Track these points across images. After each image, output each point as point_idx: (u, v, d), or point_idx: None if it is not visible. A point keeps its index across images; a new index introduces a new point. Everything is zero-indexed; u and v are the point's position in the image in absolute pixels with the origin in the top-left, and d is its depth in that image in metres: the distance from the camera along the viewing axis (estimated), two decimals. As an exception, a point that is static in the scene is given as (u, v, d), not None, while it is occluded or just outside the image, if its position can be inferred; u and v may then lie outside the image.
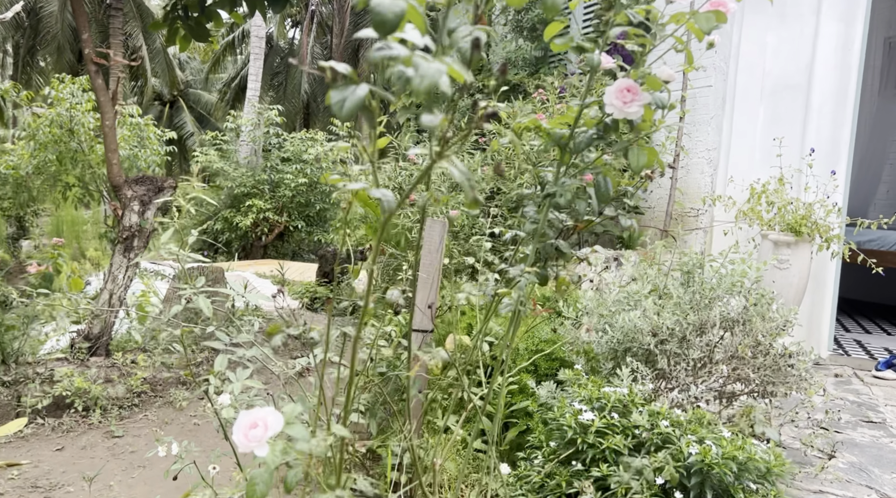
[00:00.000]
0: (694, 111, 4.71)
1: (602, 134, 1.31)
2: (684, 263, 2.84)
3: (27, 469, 3.67)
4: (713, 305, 2.65)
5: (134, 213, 5.27)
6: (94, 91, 5.11)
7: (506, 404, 2.85)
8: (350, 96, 0.69)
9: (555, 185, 1.30)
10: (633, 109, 1.24)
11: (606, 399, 2.39)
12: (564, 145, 1.33)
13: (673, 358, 2.56)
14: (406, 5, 0.66)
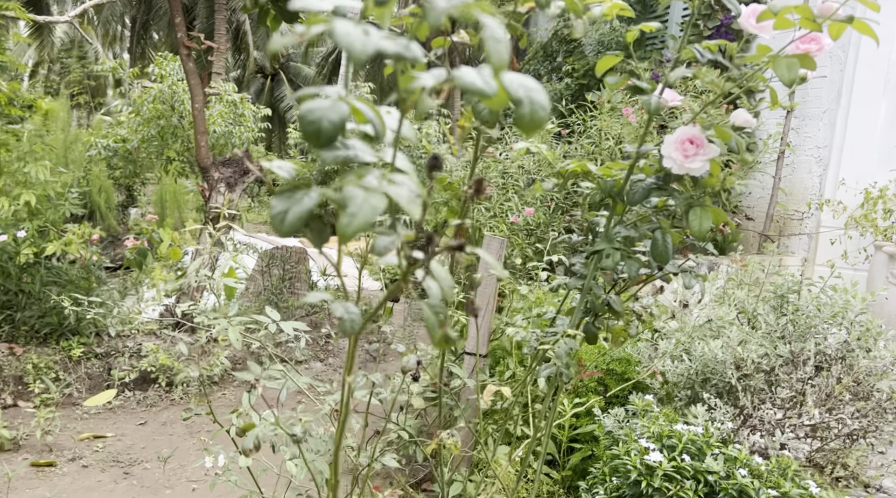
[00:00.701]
0: (804, 104, 4.27)
1: (662, 184, 1.12)
2: (778, 285, 2.56)
3: (111, 442, 3.83)
4: (808, 336, 2.37)
5: (220, 194, 5.38)
6: (186, 74, 5.21)
7: (570, 426, 2.68)
8: (294, 207, 0.56)
9: (604, 239, 1.12)
10: (696, 165, 1.04)
11: (678, 438, 2.18)
12: (617, 195, 1.14)
13: (757, 395, 2.31)
14: (348, 108, 0.52)
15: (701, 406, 2.22)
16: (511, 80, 0.52)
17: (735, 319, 2.56)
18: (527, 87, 0.52)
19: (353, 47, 0.46)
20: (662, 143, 1.09)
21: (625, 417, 2.48)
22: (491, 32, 0.49)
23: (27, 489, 3.23)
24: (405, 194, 0.48)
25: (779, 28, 1.04)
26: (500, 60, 0.48)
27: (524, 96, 0.52)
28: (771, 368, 2.38)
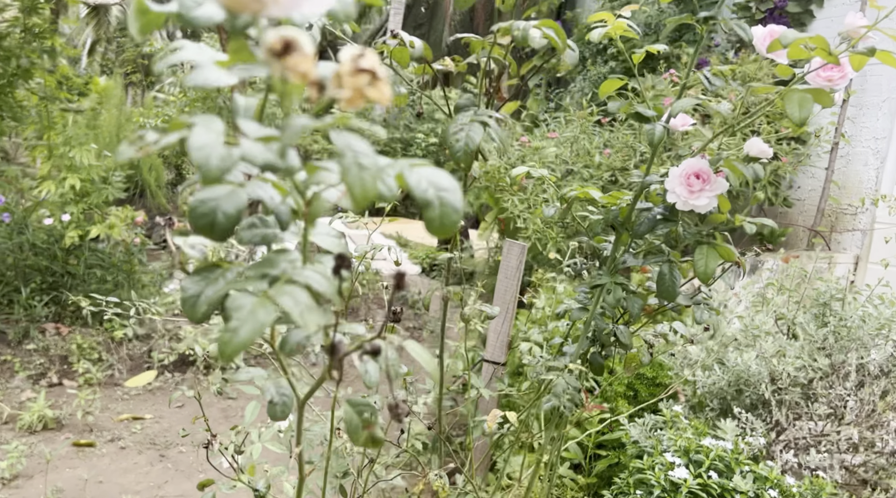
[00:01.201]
0: (861, 92, 4.02)
1: (669, 215, 1.04)
2: (821, 293, 2.43)
3: (149, 424, 3.94)
4: (851, 349, 2.25)
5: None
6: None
7: (597, 432, 2.62)
8: (209, 289, 0.51)
9: (607, 272, 1.05)
10: (702, 202, 0.95)
11: (706, 453, 2.09)
12: (622, 225, 1.06)
13: (792, 410, 2.20)
14: (246, 197, 0.47)
15: (731, 421, 2.12)
16: (418, 179, 0.46)
17: (774, 327, 2.44)
18: (438, 186, 0.46)
19: (208, 165, 0.41)
20: (666, 179, 1.00)
21: (652, 426, 2.40)
22: (351, 159, 0.42)
23: (67, 469, 3.34)
24: (298, 306, 0.43)
25: (793, 58, 0.94)
26: (362, 193, 0.41)
27: (433, 197, 0.45)
28: (809, 381, 2.26)
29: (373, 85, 0.39)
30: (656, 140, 0.98)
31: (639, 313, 1.03)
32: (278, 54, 0.37)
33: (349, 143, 0.42)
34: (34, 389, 4.02)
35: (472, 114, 0.85)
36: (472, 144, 0.80)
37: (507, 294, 2.02)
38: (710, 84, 1.03)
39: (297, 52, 0.38)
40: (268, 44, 0.37)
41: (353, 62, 0.39)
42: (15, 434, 3.57)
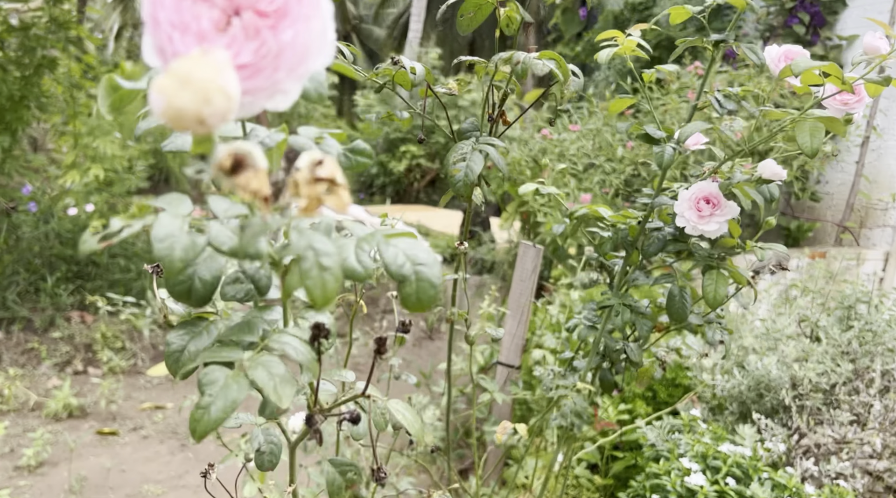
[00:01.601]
0: (895, 85, 3.89)
1: (679, 236, 1.00)
2: (846, 296, 2.37)
3: (170, 413, 3.99)
4: (876, 354, 2.19)
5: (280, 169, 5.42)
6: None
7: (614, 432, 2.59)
8: (189, 348, 0.50)
9: (615, 293, 1.02)
10: (712, 227, 0.92)
11: (723, 460, 2.06)
12: (631, 245, 1.03)
13: (813, 416, 2.16)
14: (224, 262, 0.45)
15: (750, 427, 2.09)
16: (394, 254, 0.44)
17: (796, 329, 2.39)
18: (415, 259, 0.44)
19: (171, 258, 0.39)
20: (676, 203, 0.97)
21: (670, 429, 2.37)
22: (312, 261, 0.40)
23: (91, 456, 3.40)
24: (272, 380, 0.41)
25: (806, 83, 0.90)
26: (323, 297, 0.39)
27: (409, 273, 0.43)
28: (831, 387, 2.21)
29: (331, 192, 0.37)
30: (665, 163, 0.95)
31: (648, 335, 1.01)
32: (228, 172, 0.36)
33: (311, 243, 0.41)
34: (60, 377, 4.10)
35: (474, 141, 0.82)
36: (471, 176, 0.78)
37: (522, 297, 2.00)
38: (721, 107, 0.99)
39: (248, 168, 0.36)
40: (217, 161, 0.36)
41: (310, 171, 0.38)
42: (41, 421, 3.64)
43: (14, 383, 3.78)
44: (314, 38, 0.40)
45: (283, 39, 0.39)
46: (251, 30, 0.38)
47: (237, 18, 0.38)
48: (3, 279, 4.39)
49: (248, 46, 0.38)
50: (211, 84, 0.33)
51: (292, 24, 0.39)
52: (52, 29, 4.96)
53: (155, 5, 0.37)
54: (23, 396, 3.78)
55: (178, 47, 0.38)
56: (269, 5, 0.39)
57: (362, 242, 0.45)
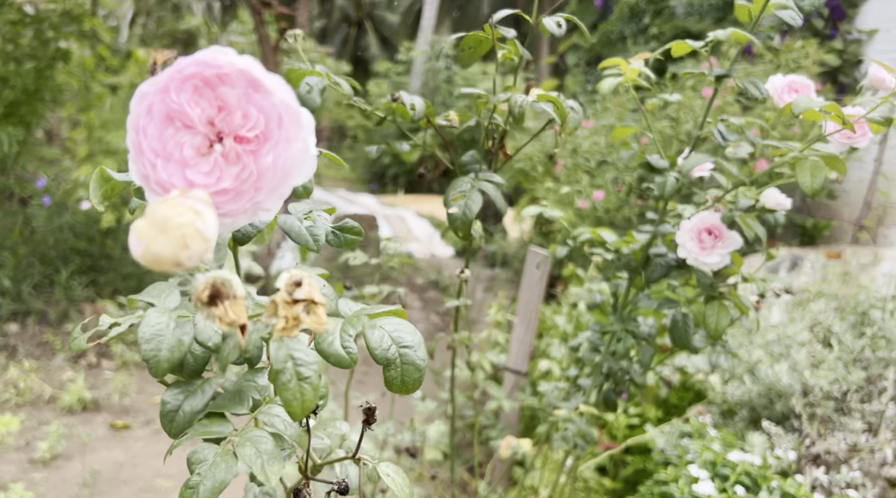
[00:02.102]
0: (916, 80, 3.81)
1: (683, 263, 0.99)
2: (859, 301, 2.34)
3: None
4: (890, 363, 2.16)
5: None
6: (259, 41, 5.23)
7: (623, 437, 2.58)
8: (184, 407, 0.49)
9: (618, 318, 1.01)
10: (713, 259, 0.91)
11: (732, 468, 2.05)
12: (634, 270, 1.02)
13: (824, 424, 2.14)
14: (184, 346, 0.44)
15: (760, 435, 2.07)
16: (380, 338, 0.43)
17: (808, 334, 2.36)
18: (400, 342, 0.43)
19: (157, 360, 0.39)
20: (677, 232, 0.95)
21: (680, 434, 2.36)
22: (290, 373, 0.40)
23: (105, 449, 3.44)
24: (259, 458, 0.41)
25: (809, 120, 0.87)
26: (301, 408, 0.39)
27: (394, 356, 0.43)
28: (843, 394, 2.19)
29: (310, 311, 0.37)
30: (667, 194, 0.93)
31: (650, 361, 1.00)
32: (205, 303, 0.35)
33: (290, 353, 0.40)
34: (74, 369, 4.15)
35: (473, 178, 0.81)
36: (469, 214, 0.77)
37: (531, 304, 1.99)
38: (724, 139, 0.97)
39: (226, 299, 0.36)
40: (195, 292, 0.35)
41: (288, 292, 0.37)
42: (56, 414, 3.69)
43: (29, 376, 3.83)
44: (295, 159, 0.40)
45: (263, 163, 0.39)
46: (232, 155, 0.38)
47: (219, 144, 0.38)
48: (19, 272, 4.44)
49: (229, 172, 0.38)
50: (189, 229, 0.33)
51: (273, 148, 0.39)
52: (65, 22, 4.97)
53: (138, 134, 0.38)
54: (38, 388, 3.83)
55: (161, 175, 0.38)
56: (250, 131, 0.39)
57: (347, 326, 0.44)
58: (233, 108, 0.39)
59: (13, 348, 4.19)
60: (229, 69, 0.39)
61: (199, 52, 0.38)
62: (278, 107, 0.39)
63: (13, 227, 4.48)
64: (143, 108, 0.38)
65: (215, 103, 0.39)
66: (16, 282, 4.40)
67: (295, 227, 0.53)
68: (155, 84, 0.39)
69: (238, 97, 0.39)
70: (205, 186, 0.38)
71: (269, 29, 7.46)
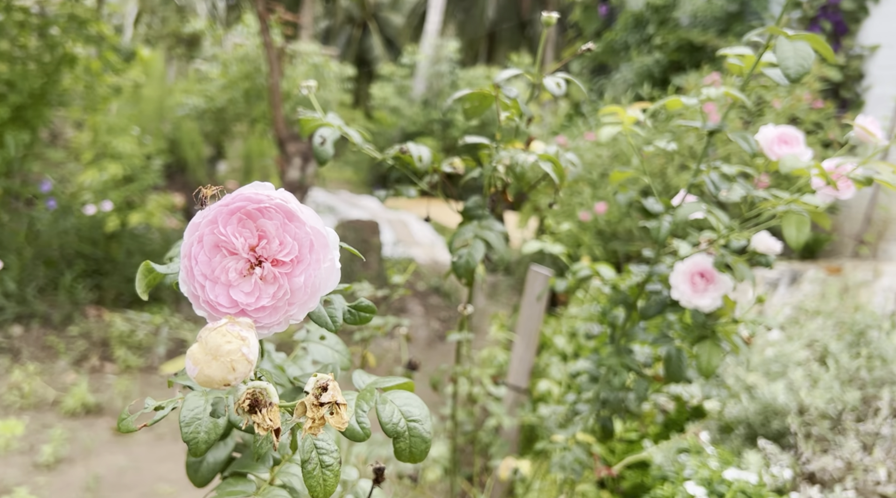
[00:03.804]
0: (917, 96, 3.85)
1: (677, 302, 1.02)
2: (856, 320, 2.36)
3: (185, 409, 4.06)
4: (885, 383, 2.19)
5: (296, 168, 5.46)
6: (264, 47, 5.26)
7: (622, 452, 2.61)
8: (208, 459, 0.52)
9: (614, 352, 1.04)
10: (705, 302, 0.94)
11: (728, 485, 2.08)
12: (631, 306, 1.05)
13: (819, 443, 2.17)
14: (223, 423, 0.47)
15: (756, 453, 2.10)
16: (391, 412, 0.47)
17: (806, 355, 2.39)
18: (409, 416, 0.47)
19: (196, 442, 0.42)
20: (671, 274, 0.98)
21: (677, 450, 2.39)
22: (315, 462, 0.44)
23: (108, 453, 3.48)
24: None
25: (796, 175, 0.90)
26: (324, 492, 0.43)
27: (403, 429, 0.46)
28: (839, 413, 2.22)
29: (334, 412, 0.41)
30: (662, 238, 0.96)
31: (645, 393, 1.03)
32: (246, 411, 0.39)
33: (315, 443, 0.44)
34: (77, 372, 4.18)
35: (476, 226, 0.84)
36: (472, 263, 0.81)
37: (531, 321, 2.02)
38: (716, 188, 0.99)
39: (264, 407, 0.40)
40: (237, 401, 0.39)
41: (315, 395, 0.41)
42: (59, 418, 3.72)
43: (33, 379, 3.87)
44: (323, 277, 0.44)
45: (296, 283, 0.44)
46: (270, 277, 0.43)
47: (259, 268, 0.42)
48: (24, 275, 4.47)
49: (267, 291, 0.43)
50: (237, 355, 0.38)
51: (305, 270, 0.43)
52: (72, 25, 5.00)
53: (190, 260, 0.42)
54: (41, 391, 3.86)
55: (209, 295, 0.43)
56: (286, 256, 0.44)
57: (361, 401, 0.48)
58: (272, 237, 0.44)
59: (17, 351, 4.22)
60: (269, 203, 0.44)
61: (242, 188, 0.43)
62: (310, 234, 0.45)
63: (19, 231, 4.52)
64: (194, 237, 0.43)
65: (256, 233, 0.44)
66: (20, 284, 4.43)
67: (317, 309, 0.56)
68: (205, 217, 0.43)
69: (276, 227, 0.45)
70: (246, 304, 0.42)
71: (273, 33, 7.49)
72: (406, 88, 11.54)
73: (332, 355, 0.59)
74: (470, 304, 1.05)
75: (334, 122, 0.89)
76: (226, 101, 9.41)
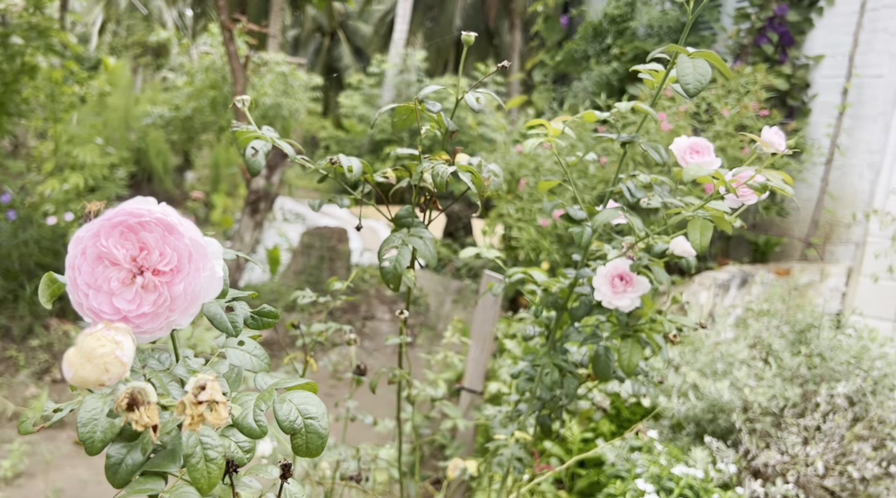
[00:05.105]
0: (858, 105, 4.01)
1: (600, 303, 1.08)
2: (798, 320, 2.47)
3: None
4: (823, 380, 2.29)
5: (261, 177, 5.47)
6: (228, 57, 5.26)
7: (578, 450, 2.68)
8: (127, 460, 0.57)
9: (546, 352, 1.10)
10: (624, 302, 1.00)
11: (676, 481, 2.16)
12: (562, 308, 1.11)
13: (763, 438, 2.26)
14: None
15: (702, 450, 2.18)
16: (287, 411, 0.52)
17: (751, 354, 2.48)
18: (306, 413, 0.52)
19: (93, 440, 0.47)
20: (594, 277, 1.05)
21: (630, 448, 2.47)
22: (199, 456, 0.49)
23: (69, 467, 3.45)
24: None
25: (702, 182, 0.98)
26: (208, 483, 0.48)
27: (300, 426, 0.52)
28: (780, 410, 2.31)
29: (213, 409, 0.46)
30: (584, 243, 1.03)
31: (575, 392, 1.09)
32: (125, 409, 0.44)
33: (200, 439, 0.49)
34: (38, 385, 4.13)
35: (405, 233, 0.90)
36: (400, 268, 0.86)
37: (486, 325, 2.08)
38: (632, 196, 1.06)
39: (142, 405, 0.44)
40: (117, 400, 0.44)
41: (194, 394, 0.46)
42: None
43: (-8, 393, 3.82)
44: (203, 285, 0.49)
45: (176, 291, 0.48)
46: (150, 286, 0.48)
47: (140, 277, 0.47)
48: (-18, 287, 4.41)
49: (147, 299, 0.48)
50: (109, 358, 0.43)
51: (184, 278, 0.48)
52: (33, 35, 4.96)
53: (74, 270, 0.47)
54: (0, 405, 3.81)
55: (92, 303, 0.47)
56: (166, 266, 0.49)
57: (260, 401, 0.53)
58: (152, 249, 0.49)
59: (-24, 365, 4.16)
60: (149, 217, 0.49)
61: (125, 203, 0.48)
62: (189, 245, 0.49)
63: (-23, 243, 4.46)
64: (78, 250, 0.48)
65: (137, 245, 0.48)
66: (-21, 297, 4.38)
67: (217, 315, 0.61)
68: (89, 230, 0.49)
69: (156, 239, 0.49)
70: (128, 311, 0.47)
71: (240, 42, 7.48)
72: (374, 97, 11.59)
73: (249, 360, 0.64)
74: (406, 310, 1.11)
75: (268, 134, 0.94)
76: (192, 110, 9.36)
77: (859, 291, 3.88)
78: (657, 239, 1.09)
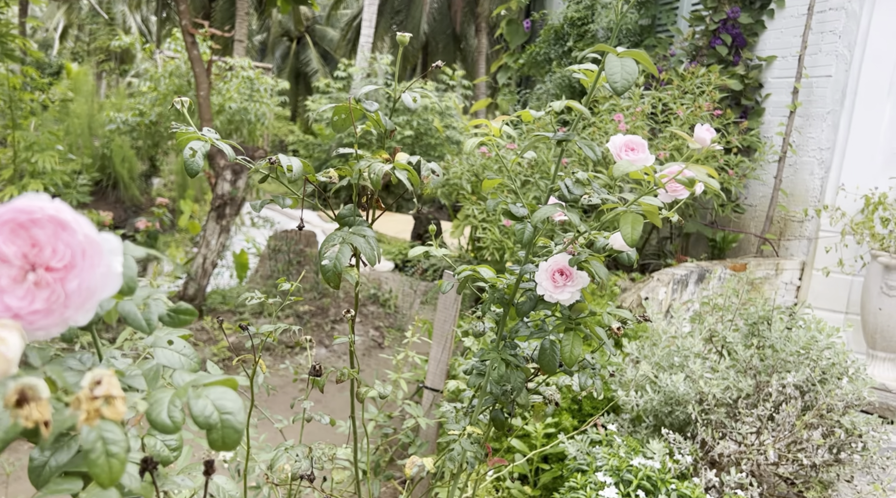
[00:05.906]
0: (808, 104, 4.13)
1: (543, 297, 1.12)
2: (750, 313, 2.54)
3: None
4: (773, 371, 2.37)
5: (226, 182, 5.45)
6: (191, 61, 5.24)
7: (541, 445, 2.73)
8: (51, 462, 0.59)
9: (493, 347, 1.14)
10: (565, 296, 1.04)
11: (634, 473, 2.21)
12: (508, 303, 1.15)
13: (718, 429, 2.32)
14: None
15: (659, 442, 2.24)
16: (203, 406, 0.54)
17: (706, 348, 2.55)
18: (222, 408, 0.54)
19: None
20: (536, 272, 1.09)
21: (591, 442, 2.52)
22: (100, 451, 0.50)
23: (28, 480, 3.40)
24: None
25: (634, 177, 1.02)
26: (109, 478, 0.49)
27: (216, 421, 0.54)
28: (734, 401, 2.38)
29: (109, 404, 0.47)
30: (525, 240, 1.07)
31: (521, 386, 1.13)
32: (14, 406, 0.45)
33: (102, 435, 0.50)
34: (-1, 397, 4.07)
35: (346, 232, 0.93)
36: (339, 266, 0.89)
37: (446, 324, 2.11)
38: (570, 193, 1.11)
39: (32, 401, 0.45)
40: (5, 397, 0.45)
41: (90, 389, 0.47)
42: (-21, 444, 3.61)
43: (-49, 406, 3.75)
44: (98, 281, 0.51)
45: (70, 287, 0.50)
46: (43, 282, 0.49)
47: (32, 273, 0.49)
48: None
49: (40, 295, 0.49)
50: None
51: (78, 275, 0.50)
52: (-12, 41, 4.88)
53: None
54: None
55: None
56: (59, 262, 0.50)
57: (175, 398, 0.55)
58: (44, 245, 0.50)
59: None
60: (40, 215, 0.50)
61: (16, 199, 0.49)
62: (82, 242, 0.50)
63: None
64: None
65: (29, 241, 0.50)
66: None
67: (132, 313, 0.63)
68: None
69: (48, 236, 0.50)
70: (19, 308, 0.49)
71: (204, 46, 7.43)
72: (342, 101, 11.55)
73: (178, 359, 0.65)
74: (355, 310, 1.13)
75: (208, 135, 0.96)
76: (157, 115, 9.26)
77: (812, 285, 4.00)
78: (596, 235, 1.13)
